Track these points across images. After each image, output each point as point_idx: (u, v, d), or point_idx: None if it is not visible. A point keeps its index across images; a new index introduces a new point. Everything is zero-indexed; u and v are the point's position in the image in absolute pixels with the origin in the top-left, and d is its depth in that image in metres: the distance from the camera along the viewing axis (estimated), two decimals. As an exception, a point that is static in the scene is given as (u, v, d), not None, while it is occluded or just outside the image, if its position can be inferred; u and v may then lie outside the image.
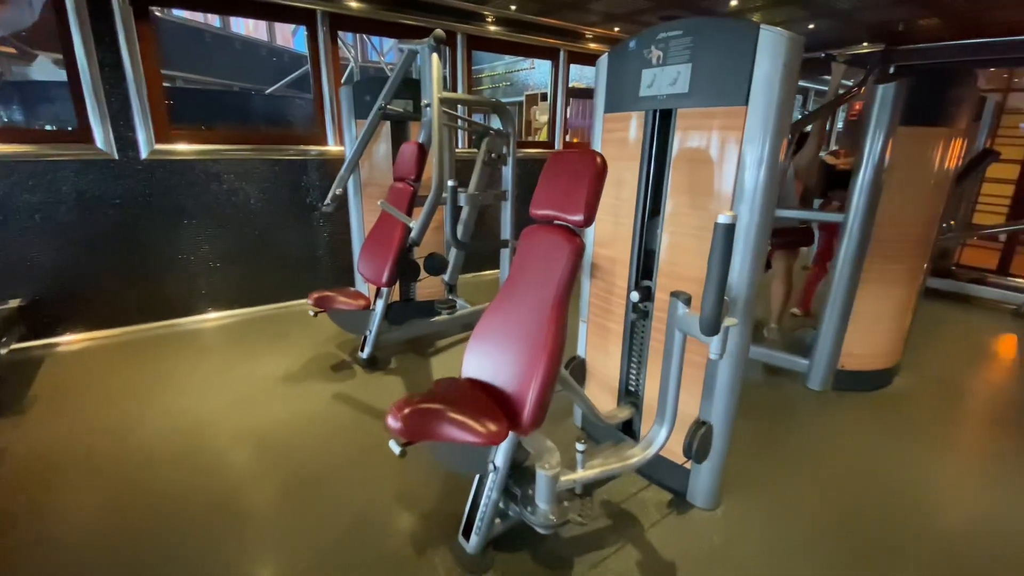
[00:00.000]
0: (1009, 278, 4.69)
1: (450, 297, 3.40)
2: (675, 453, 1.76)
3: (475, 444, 1.28)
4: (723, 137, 1.52)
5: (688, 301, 1.46)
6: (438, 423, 1.29)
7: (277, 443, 2.13)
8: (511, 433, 1.39)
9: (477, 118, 5.04)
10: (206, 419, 2.29)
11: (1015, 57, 4.14)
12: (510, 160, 3.19)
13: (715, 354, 1.34)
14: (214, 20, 10.40)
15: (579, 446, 1.48)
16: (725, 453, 1.75)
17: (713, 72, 1.50)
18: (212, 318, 3.50)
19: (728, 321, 1.31)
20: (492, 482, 1.50)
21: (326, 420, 2.31)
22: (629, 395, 2.00)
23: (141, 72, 2.98)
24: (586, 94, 8.58)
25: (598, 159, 1.39)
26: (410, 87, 3.09)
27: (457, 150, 3.93)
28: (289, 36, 12.13)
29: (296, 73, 4.08)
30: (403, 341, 3.09)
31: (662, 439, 1.60)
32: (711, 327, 1.19)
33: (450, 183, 2.13)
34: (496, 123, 3.19)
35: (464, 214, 3.17)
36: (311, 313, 2.64)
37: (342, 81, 3.71)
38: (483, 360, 1.52)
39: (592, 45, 4.78)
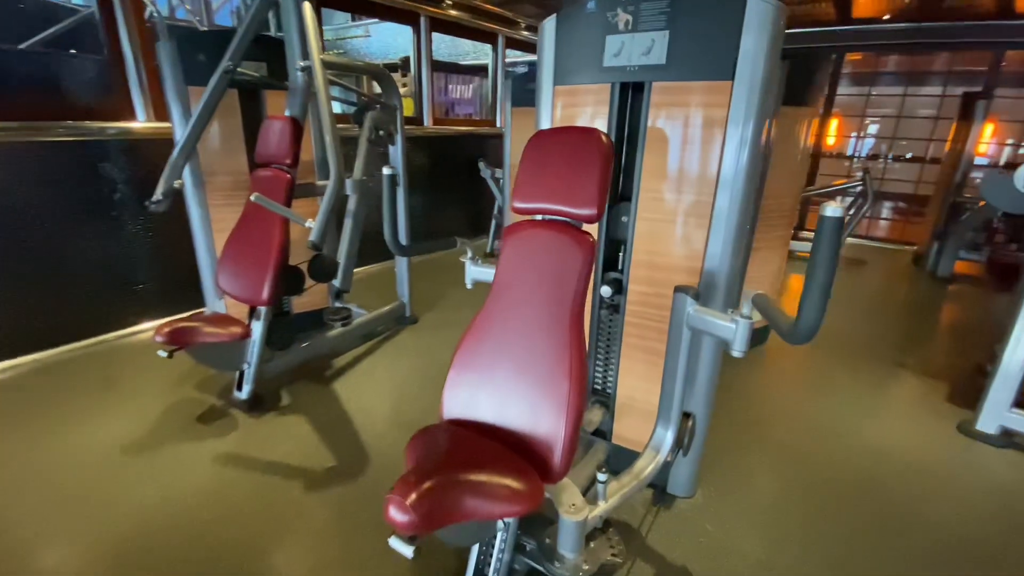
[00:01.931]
0: (805, 232, 5.77)
1: (341, 305, 2.87)
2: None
3: (512, 515, 0.99)
4: (705, 115, 1.40)
5: (697, 296, 1.33)
6: (464, 500, 0.96)
7: (150, 551, 1.50)
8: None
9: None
10: (18, 534, 1.53)
11: (819, 45, 4.97)
12: (398, 138, 2.76)
13: (739, 351, 1.24)
14: None
15: (600, 476, 1.28)
16: (704, 440, 1.72)
17: (695, 42, 1.36)
18: (-22, 375, 2.42)
19: (756, 315, 1.22)
20: (502, 542, 1.22)
21: (216, 497, 1.72)
22: (596, 394, 1.86)
23: None
24: (441, 67, 8.13)
25: (603, 138, 1.16)
26: (261, 46, 2.42)
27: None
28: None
29: (65, 23, 2.87)
30: (291, 368, 2.50)
31: (669, 442, 1.48)
32: (808, 334, 1.07)
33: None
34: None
35: (352, 205, 2.65)
36: (163, 354, 1.94)
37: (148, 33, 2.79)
38: (478, 396, 1.21)
39: (453, 12, 4.42)
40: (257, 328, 2.20)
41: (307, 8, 1.94)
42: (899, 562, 1.54)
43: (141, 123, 2.79)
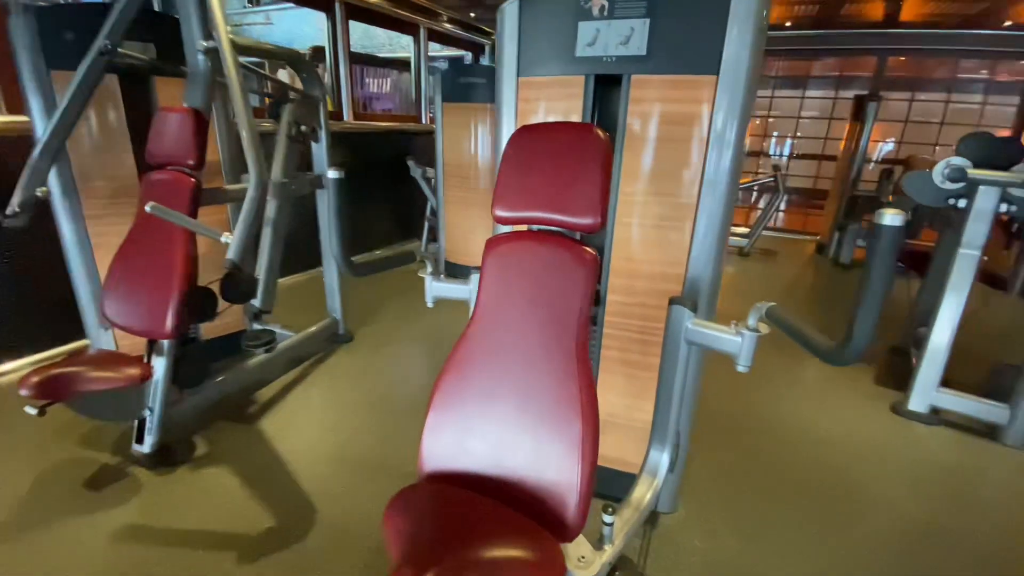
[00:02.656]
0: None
1: (262, 327, 2.50)
2: (633, 464, 1.58)
3: (534, 596, 0.82)
4: (688, 111, 1.30)
5: (695, 308, 1.23)
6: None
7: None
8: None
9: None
10: None
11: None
12: (323, 135, 2.44)
13: (745, 366, 1.16)
14: None
15: (606, 517, 1.13)
16: (687, 453, 1.65)
17: (679, 31, 1.25)
18: None
19: (763, 328, 1.13)
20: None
21: (120, 585, 1.37)
22: (570, 414, 1.73)
23: None
24: (357, 59, 7.59)
25: (599, 133, 1.01)
26: (148, 23, 2.01)
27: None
28: None
29: None
30: (206, 408, 2.11)
31: (666, 464, 1.38)
32: (859, 353, 0.98)
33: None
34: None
35: (271, 211, 2.29)
36: (31, 411, 1.52)
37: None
38: (467, 445, 1.01)
39: (371, -1, 4.09)
40: (160, 365, 1.82)
41: (209, -23, 1.61)
42: (871, 549, 1.57)
43: (-17, 116, 2.23)
